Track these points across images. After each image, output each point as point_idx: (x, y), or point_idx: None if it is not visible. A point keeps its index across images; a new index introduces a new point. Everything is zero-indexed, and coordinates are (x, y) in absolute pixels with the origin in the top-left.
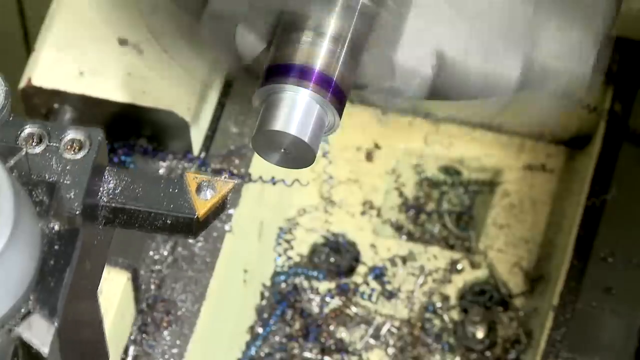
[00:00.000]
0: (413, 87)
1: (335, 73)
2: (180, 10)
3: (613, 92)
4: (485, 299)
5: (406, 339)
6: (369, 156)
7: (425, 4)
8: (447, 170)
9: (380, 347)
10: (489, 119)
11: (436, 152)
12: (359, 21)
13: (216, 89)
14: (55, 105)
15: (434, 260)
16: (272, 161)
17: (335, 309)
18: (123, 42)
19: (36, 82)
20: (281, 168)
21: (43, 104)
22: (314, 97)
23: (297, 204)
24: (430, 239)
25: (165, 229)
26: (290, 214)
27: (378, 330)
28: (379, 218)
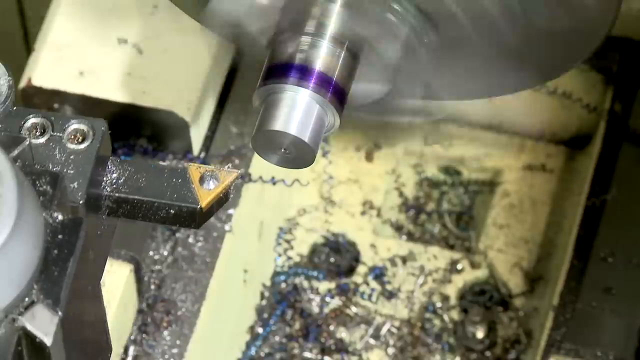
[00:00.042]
0: (412, 89)
1: (335, 73)
2: (180, 9)
3: (613, 92)
4: (485, 299)
5: (406, 339)
6: (369, 156)
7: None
8: (447, 170)
9: (380, 347)
10: (489, 118)
11: (436, 152)
12: (359, 21)
13: (216, 89)
14: (55, 105)
15: (434, 260)
16: (272, 161)
17: (335, 309)
18: (123, 42)
19: (36, 82)
20: (281, 168)
21: (43, 104)
22: (314, 97)
23: (297, 204)
24: (430, 239)
25: (168, 220)
26: (290, 214)
27: (378, 330)
28: (379, 218)
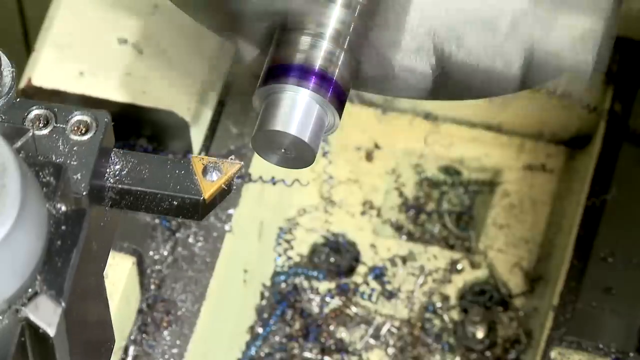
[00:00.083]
0: (412, 87)
1: (335, 73)
2: (180, 10)
3: (613, 92)
4: (485, 299)
5: (406, 339)
6: (369, 156)
7: (424, 2)
8: (447, 170)
9: (380, 347)
10: (489, 118)
11: (436, 152)
12: (358, 21)
13: (216, 89)
14: None
15: (434, 260)
16: (272, 161)
17: (335, 309)
18: (123, 42)
19: (36, 82)
20: (281, 168)
21: None
22: (313, 97)
23: (297, 204)
24: (430, 239)
25: (171, 211)
26: (290, 214)
27: (378, 330)
28: (379, 218)
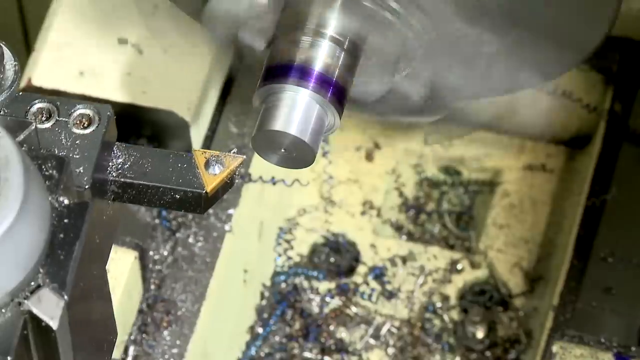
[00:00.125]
0: (412, 90)
1: (335, 73)
2: (180, 9)
3: (613, 92)
4: (485, 299)
5: (406, 339)
6: (369, 156)
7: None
8: (447, 170)
9: (380, 347)
10: (489, 118)
11: (436, 152)
12: (359, 21)
13: (216, 89)
14: None
15: (434, 260)
16: (272, 161)
17: (335, 309)
18: (123, 42)
19: (36, 82)
20: (281, 168)
21: None
22: (314, 97)
23: (297, 204)
24: (430, 239)
25: (173, 205)
26: (290, 214)
27: (378, 330)
28: (379, 218)
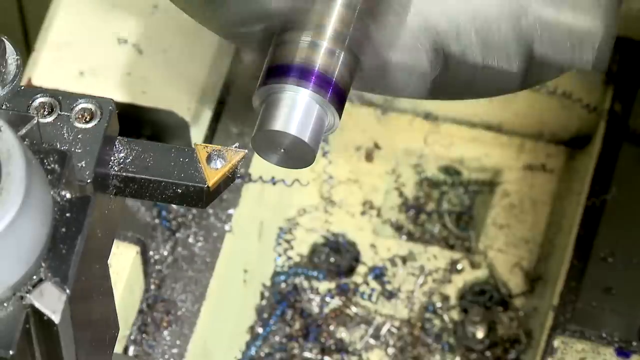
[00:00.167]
0: (412, 85)
1: (335, 73)
2: (181, 10)
3: (613, 92)
4: (485, 299)
5: (406, 339)
6: (369, 156)
7: (423, 2)
8: (447, 170)
9: (380, 347)
10: (489, 118)
11: (436, 152)
12: (358, 21)
13: (216, 89)
14: None
15: (434, 260)
16: (272, 161)
17: (335, 309)
18: (123, 42)
19: (36, 82)
20: (281, 168)
21: None
22: (313, 97)
23: (297, 204)
24: (430, 239)
25: (175, 199)
26: (290, 214)
27: (378, 330)
28: (379, 218)
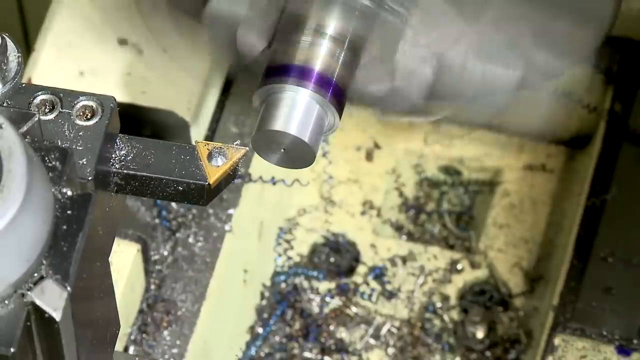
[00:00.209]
0: (412, 89)
1: (335, 73)
2: (179, 11)
3: (613, 92)
4: (485, 299)
5: (406, 339)
6: (369, 156)
7: (426, 5)
8: (447, 170)
9: (380, 347)
10: (489, 118)
11: (436, 152)
12: (359, 21)
13: (216, 89)
14: None
15: (434, 260)
16: (272, 161)
17: (335, 309)
18: (123, 42)
19: (36, 82)
20: (281, 168)
21: None
22: (314, 97)
23: (297, 204)
24: (430, 239)
25: (176, 197)
26: (290, 214)
27: (378, 330)
28: (379, 218)
